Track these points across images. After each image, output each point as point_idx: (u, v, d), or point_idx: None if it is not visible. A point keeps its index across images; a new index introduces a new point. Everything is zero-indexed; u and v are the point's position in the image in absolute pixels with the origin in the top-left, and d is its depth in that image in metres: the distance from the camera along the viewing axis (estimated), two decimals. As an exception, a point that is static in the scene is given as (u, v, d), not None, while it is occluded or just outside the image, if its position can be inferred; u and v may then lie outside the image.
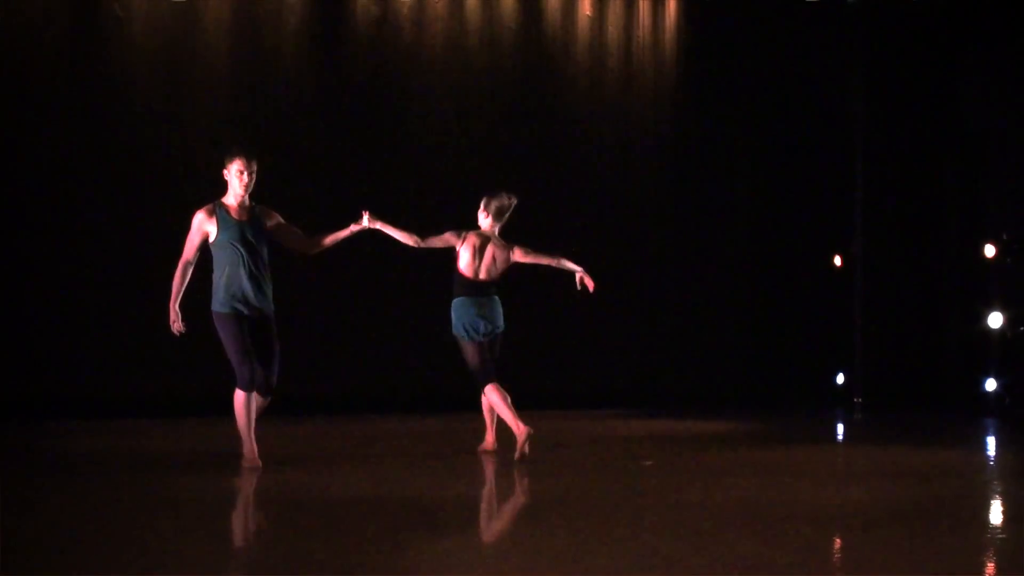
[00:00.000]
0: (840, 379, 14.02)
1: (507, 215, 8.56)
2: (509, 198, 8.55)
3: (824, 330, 13.90)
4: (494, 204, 8.52)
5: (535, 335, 12.00)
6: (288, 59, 11.69)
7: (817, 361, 13.89)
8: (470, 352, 8.42)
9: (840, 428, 11.95)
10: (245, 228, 7.57)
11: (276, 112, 11.62)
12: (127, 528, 5.82)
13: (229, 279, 7.52)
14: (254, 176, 7.64)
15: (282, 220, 7.78)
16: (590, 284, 8.43)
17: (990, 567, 5.42)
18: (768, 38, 13.55)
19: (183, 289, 7.56)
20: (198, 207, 7.65)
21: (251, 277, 7.54)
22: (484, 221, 8.55)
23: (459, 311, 8.43)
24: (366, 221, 7.95)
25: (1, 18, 10.75)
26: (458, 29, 12.26)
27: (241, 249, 7.52)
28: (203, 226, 7.57)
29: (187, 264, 7.58)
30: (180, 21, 11.28)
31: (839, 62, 13.83)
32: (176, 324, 7.53)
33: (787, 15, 13.51)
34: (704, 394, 13.24)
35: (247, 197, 7.62)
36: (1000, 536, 6.27)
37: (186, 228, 7.61)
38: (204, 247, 7.61)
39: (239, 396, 7.57)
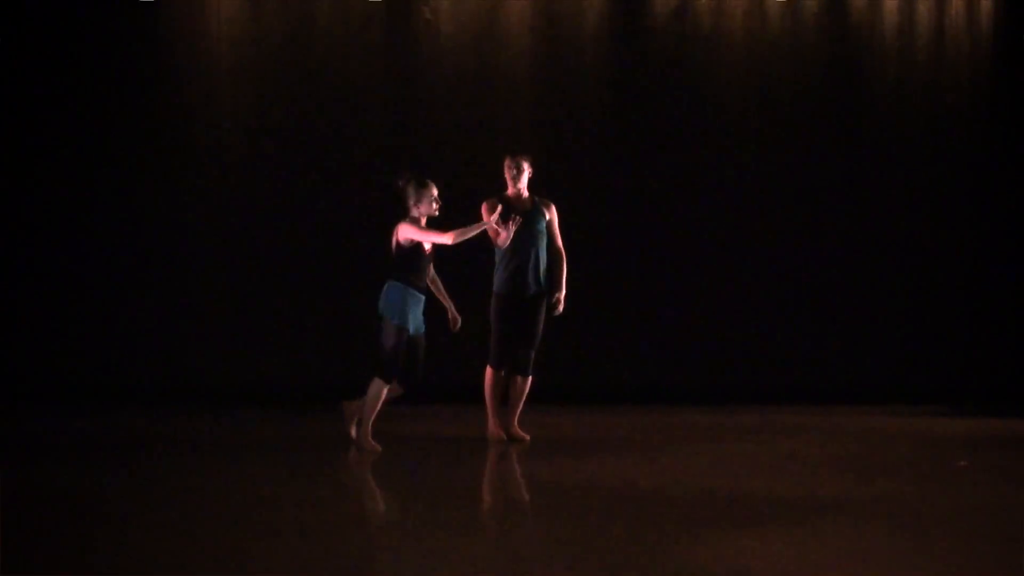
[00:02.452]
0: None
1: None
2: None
3: None
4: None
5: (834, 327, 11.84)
6: (587, 56, 11.78)
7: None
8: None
9: None
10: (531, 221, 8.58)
11: (574, 110, 11.73)
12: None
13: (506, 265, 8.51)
14: (522, 170, 8.74)
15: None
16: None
17: None
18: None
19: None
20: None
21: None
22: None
23: None
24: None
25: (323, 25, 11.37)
26: (758, 18, 12.06)
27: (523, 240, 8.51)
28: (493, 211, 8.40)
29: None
30: (483, 20, 11.56)
31: None
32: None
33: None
34: (1001, 390, 12.42)
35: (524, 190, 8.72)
36: None
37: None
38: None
39: (491, 372, 8.51)
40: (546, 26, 11.74)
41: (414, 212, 8.20)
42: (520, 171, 8.75)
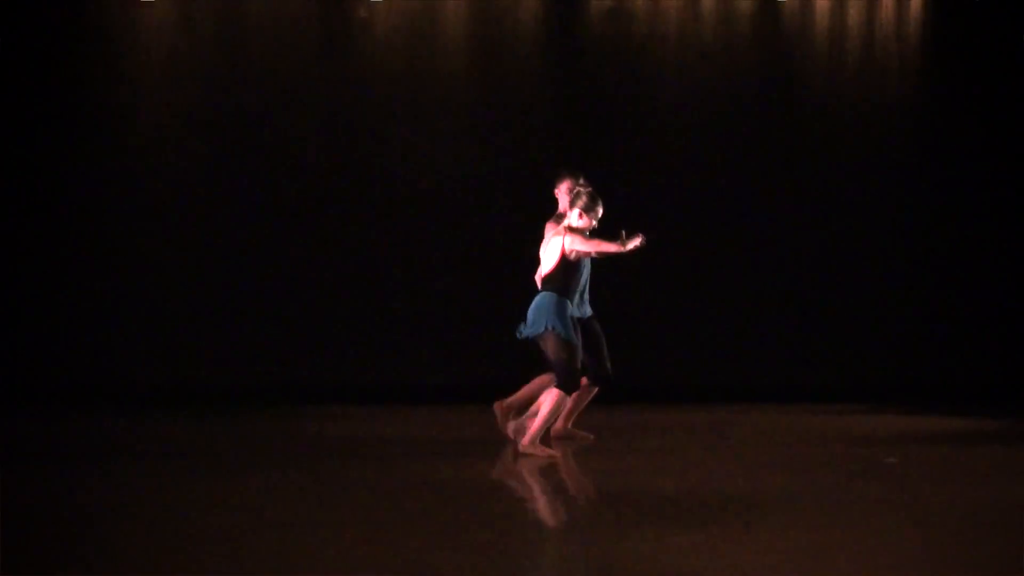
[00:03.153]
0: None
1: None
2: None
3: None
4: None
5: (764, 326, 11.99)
6: (522, 56, 11.83)
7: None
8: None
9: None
10: None
11: (506, 107, 11.77)
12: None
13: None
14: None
15: None
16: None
17: None
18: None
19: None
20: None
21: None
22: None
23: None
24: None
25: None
26: (692, 20, 12.17)
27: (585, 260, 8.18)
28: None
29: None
30: (419, 20, 11.58)
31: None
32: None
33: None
34: (935, 388, 12.67)
35: None
36: None
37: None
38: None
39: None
40: (481, 26, 11.77)
41: (579, 222, 8.04)
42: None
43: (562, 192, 8.59)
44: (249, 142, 11.42)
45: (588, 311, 8.52)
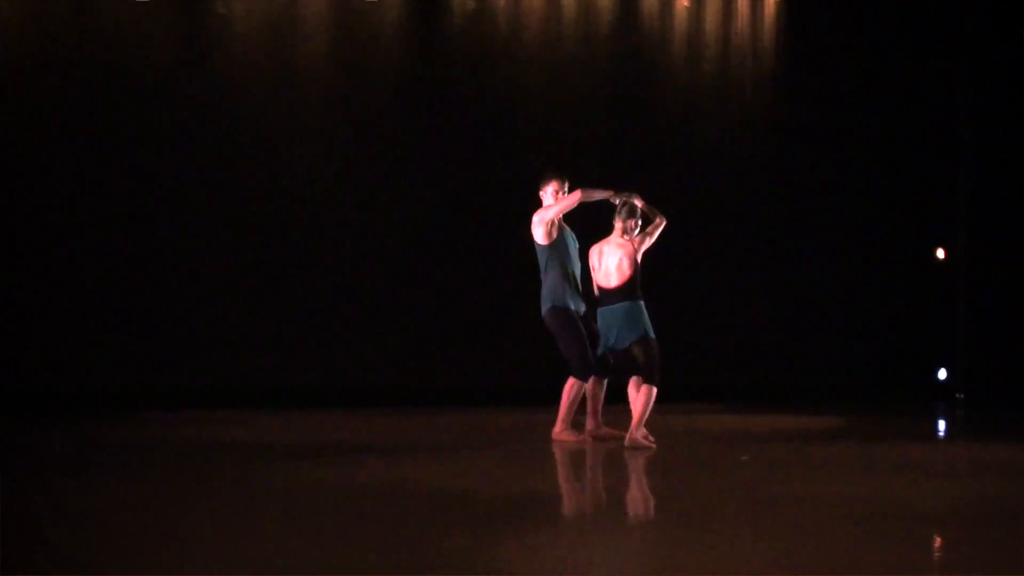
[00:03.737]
0: (942, 374, 13.80)
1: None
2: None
3: (926, 324, 13.70)
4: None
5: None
6: (384, 52, 11.77)
7: (919, 356, 13.69)
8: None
9: (941, 424, 11.78)
10: (569, 235, 8.66)
11: (372, 105, 11.71)
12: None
13: (565, 278, 8.54)
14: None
15: None
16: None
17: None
18: (870, 27, 13.35)
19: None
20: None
21: (574, 278, 8.62)
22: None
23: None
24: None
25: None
26: (554, 20, 12.26)
27: (571, 253, 8.60)
28: (560, 221, 8.59)
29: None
30: (280, 18, 11.43)
31: (944, 51, 13.60)
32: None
33: (890, 3, 13.32)
34: (803, 388, 13.10)
35: None
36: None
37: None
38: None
39: (578, 384, 8.52)
40: (343, 23, 11.67)
41: (626, 234, 8.55)
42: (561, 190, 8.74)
43: (547, 193, 8.72)
44: (103, 142, 11.15)
45: (583, 306, 8.70)
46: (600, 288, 8.59)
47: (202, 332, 11.13)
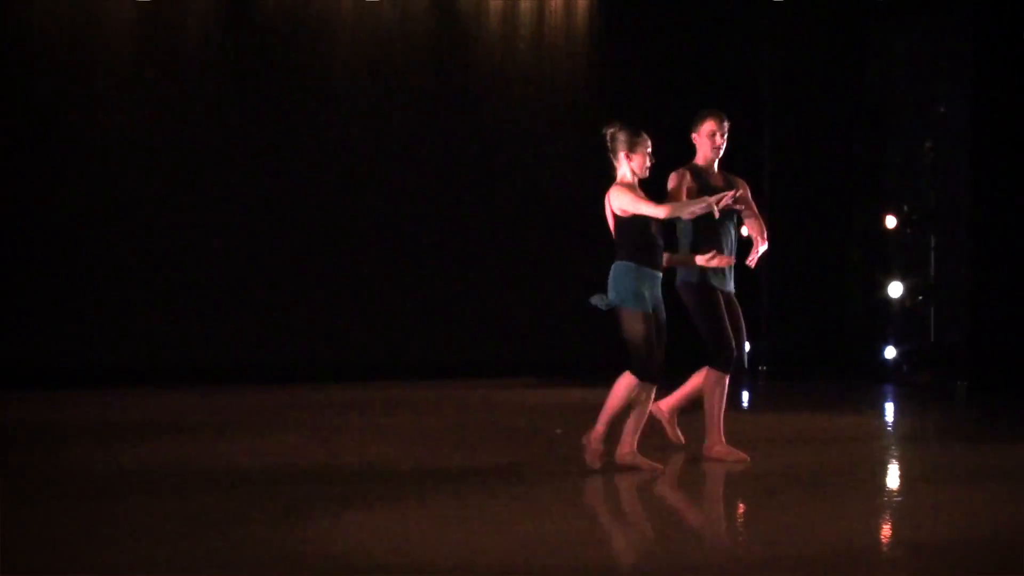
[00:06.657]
0: (746, 348, 14.23)
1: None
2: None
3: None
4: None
5: (454, 301, 12.25)
6: (194, 32, 11.60)
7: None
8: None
9: (745, 396, 12.19)
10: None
11: (182, 81, 11.52)
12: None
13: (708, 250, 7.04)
14: (726, 137, 7.16)
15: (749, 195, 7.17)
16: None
17: (885, 529, 5.64)
18: (677, 11, 13.61)
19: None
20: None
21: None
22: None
23: None
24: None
25: None
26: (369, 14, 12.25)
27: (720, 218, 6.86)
28: (685, 185, 7.00)
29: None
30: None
31: (747, 35, 13.96)
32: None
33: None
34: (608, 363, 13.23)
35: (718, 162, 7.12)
36: (896, 499, 6.52)
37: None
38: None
39: (715, 376, 7.32)
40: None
41: (623, 171, 6.83)
42: (724, 137, 7.18)
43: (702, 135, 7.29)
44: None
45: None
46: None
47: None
